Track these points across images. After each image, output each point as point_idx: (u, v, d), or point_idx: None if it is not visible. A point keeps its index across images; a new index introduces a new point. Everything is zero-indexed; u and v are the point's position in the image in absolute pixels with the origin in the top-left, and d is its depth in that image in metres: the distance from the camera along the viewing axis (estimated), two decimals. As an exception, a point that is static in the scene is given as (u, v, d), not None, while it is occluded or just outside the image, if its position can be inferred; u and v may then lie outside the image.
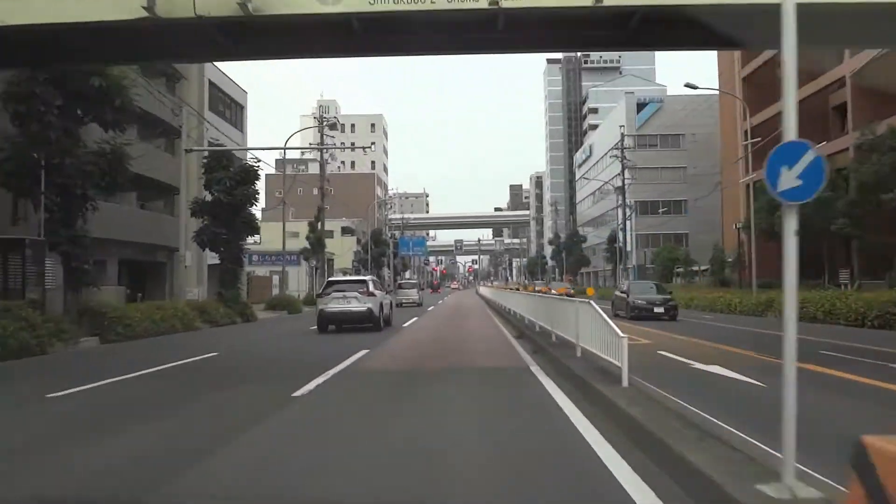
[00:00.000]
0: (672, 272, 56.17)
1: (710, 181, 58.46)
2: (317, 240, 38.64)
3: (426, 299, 46.96)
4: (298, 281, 56.87)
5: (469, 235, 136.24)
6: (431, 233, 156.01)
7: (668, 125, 65.78)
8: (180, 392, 8.61)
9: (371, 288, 18.13)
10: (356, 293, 17.72)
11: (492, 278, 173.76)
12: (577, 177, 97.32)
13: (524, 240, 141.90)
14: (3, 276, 14.78)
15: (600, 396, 6.60)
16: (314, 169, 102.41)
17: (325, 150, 40.49)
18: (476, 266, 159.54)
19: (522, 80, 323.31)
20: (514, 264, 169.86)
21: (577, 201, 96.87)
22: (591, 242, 77.86)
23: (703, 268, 51.09)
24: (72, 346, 14.09)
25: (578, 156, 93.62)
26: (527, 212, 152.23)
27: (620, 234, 49.86)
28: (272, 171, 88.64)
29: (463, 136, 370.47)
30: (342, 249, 70.74)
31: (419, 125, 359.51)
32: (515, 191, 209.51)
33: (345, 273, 72.11)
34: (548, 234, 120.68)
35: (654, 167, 65.93)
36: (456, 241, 70.77)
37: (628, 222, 55.93)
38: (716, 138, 63.72)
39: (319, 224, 39.00)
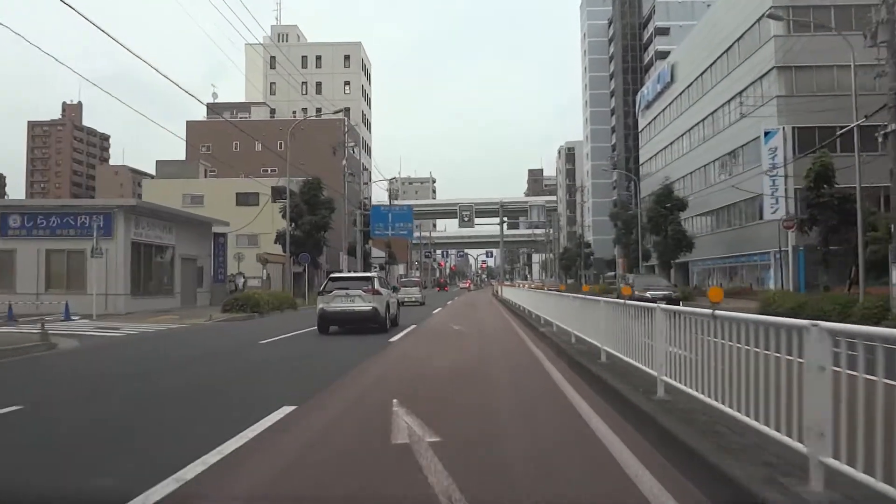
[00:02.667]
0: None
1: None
2: None
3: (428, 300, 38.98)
4: (111, 273, 27.37)
5: (482, 230, 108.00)
6: (439, 225, 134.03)
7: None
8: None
9: (376, 286, 17.02)
10: (360, 291, 16.57)
11: (507, 276, 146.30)
12: (640, 126, 66.96)
13: (550, 230, 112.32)
14: None
15: None
16: (259, 115, 72.63)
17: None
18: (490, 260, 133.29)
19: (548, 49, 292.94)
20: (533, 259, 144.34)
21: (640, 162, 66.47)
22: (696, 211, 46.98)
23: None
24: None
25: (647, 90, 63.11)
26: (552, 197, 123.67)
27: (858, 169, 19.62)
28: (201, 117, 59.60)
29: (476, 122, 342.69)
30: (273, 223, 41.40)
31: (424, 111, 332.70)
32: (535, 176, 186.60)
33: (265, 263, 42.91)
34: (588, 217, 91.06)
35: (813, 66, 36.59)
36: (462, 209, 41.30)
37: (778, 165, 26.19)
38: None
39: None
